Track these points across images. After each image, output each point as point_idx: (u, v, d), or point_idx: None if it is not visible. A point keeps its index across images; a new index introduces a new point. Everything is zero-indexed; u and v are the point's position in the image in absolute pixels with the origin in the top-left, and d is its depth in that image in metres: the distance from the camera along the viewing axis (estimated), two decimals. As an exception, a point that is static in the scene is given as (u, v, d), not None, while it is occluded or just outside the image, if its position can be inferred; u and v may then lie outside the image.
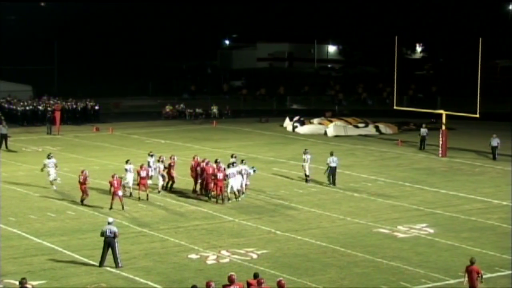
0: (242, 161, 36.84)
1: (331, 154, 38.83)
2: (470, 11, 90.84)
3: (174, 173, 36.82)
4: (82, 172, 34.18)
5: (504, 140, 53.11)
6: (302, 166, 39.59)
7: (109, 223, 26.08)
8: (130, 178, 35.75)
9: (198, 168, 35.84)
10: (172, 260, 26.60)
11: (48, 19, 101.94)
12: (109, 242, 25.65)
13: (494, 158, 45.00)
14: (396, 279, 24.75)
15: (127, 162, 36.42)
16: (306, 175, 39.27)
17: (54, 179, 37.42)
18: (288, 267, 25.87)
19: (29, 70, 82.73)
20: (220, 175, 34.25)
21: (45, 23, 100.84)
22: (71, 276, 24.56)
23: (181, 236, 29.55)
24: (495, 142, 45.33)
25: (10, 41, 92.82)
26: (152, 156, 37.82)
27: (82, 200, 34.03)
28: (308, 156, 39.36)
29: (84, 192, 33.89)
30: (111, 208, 32.99)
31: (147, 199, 34.68)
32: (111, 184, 32.99)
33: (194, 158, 37.33)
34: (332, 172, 38.40)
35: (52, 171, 37.32)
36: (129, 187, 35.67)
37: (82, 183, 33.84)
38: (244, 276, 21.49)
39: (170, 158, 37.58)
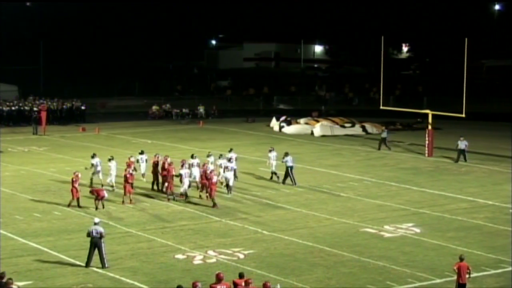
0: (230, 159, 37.40)
1: (287, 154, 38.86)
2: (456, 11, 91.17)
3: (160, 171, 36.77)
4: (75, 173, 33.71)
5: (490, 140, 53.51)
6: (268, 163, 39.94)
7: (95, 224, 26.01)
8: (113, 174, 36.49)
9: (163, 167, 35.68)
10: (158, 260, 26.56)
11: (34, 19, 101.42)
12: (95, 243, 25.58)
13: (464, 160, 44.81)
14: (383, 279, 24.81)
15: (110, 159, 36.82)
16: (273, 173, 39.57)
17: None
18: (275, 267, 25.88)
19: (15, 70, 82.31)
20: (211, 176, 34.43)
21: (31, 23, 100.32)
22: (58, 277, 24.47)
23: (168, 236, 29.50)
24: (462, 145, 44.84)
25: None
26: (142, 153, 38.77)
27: (72, 204, 33.41)
28: (274, 154, 39.82)
29: (76, 195, 33.19)
30: (97, 208, 32.91)
31: (131, 202, 34.15)
32: (96, 191, 33.21)
33: (155, 156, 37.37)
34: (290, 171, 38.40)
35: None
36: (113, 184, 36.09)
37: (74, 183, 33.17)
38: (231, 276, 21.47)
39: (155, 156, 37.54)
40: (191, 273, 25.04)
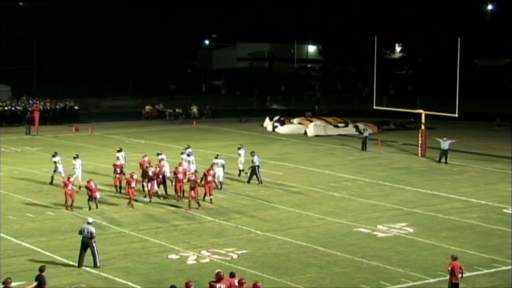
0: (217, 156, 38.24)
1: (253, 153, 38.92)
2: (449, 11, 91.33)
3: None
4: (67, 175, 33.69)
5: (483, 139, 53.60)
6: (238, 161, 40.38)
7: (88, 223, 25.98)
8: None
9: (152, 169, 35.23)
10: (152, 261, 26.52)
11: (27, 19, 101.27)
12: (85, 243, 25.58)
13: (445, 162, 44.69)
14: (376, 279, 24.83)
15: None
16: (240, 170, 39.96)
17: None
18: (269, 267, 25.88)
19: (8, 70, 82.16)
20: (181, 176, 34.49)
21: (24, 23, 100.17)
22: (51, 277, 24.36)
23: (161, 236, 29.47)
24: (446, 144, 44.79)
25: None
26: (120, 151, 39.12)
27: (70, 206, 32.96)
28: (242, 151, 40.28)
29: (71, 197, 32.91)
30: (90, 209, 32.81)
31: (129, 205, 33.87)
32: (89, 189, 32.92)
33: (143, 157, 37.20)
34: (257, 170, 38.47)
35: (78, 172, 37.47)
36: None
37: (66, 187, 32.88)
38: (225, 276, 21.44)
39: (143, 157, 37.46)
40: (184, 273, 25.02)
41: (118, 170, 36.12)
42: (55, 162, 37.92)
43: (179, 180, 34.62)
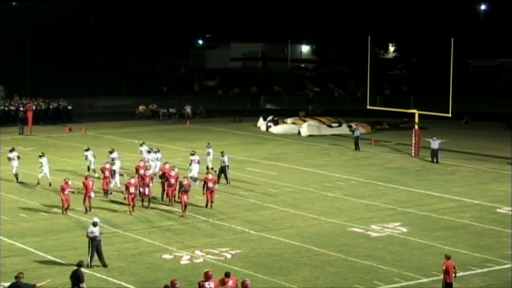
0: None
1: (223, 154, 38.90)
2: (443, 11, 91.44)
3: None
4: (64, 180, 32.83)
5: (476, 139, 53.67)
6: (208, 159, 40.79)
7: (95, 225, 25.78)
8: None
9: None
10: (146, 261, 26.51)
11: (20, 19, 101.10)
12: (96, 245, 25.57)
13: (437, 161, 44.70)
14: (370, 278, 24.85)
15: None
16: (209, 168, 40.20)
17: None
18: (262, 266, 25.88)
19: (1, 70, 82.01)
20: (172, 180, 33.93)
21: (17, 23, 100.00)
22: (44, 277, 24.27)
23: (155, 236, 29.45)
24: (436, 144, 44.88)
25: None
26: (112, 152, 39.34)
27: (65, 209, 32.41)
28: (211, 150, 40.87)
29: (66, 202, 32.35)
30: (86, 211, 32.48)
31: (133, 211, 32.96)
32: (86, 186, 32.63)
33: (164, 164, 36.32)
34: (226, 170, 38.52)
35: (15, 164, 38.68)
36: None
37: (63, 191, 32.17)
38: (218, 276, 21.43)
39: (164, 164, 36.75)
40: (178, 273, 25.01)
41: (107, 173, 35.48)
42: (41, 163, 38.05)
43: (171, 185, 33.87)
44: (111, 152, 39.44)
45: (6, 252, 27.34)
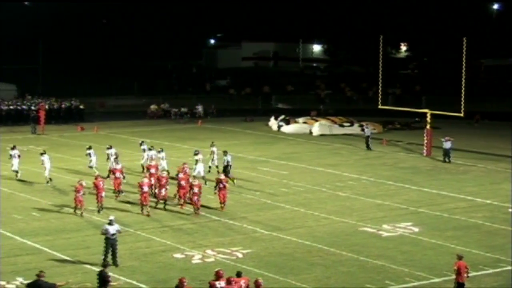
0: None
1: (226, 153, 38.93)
2: (455, 10, 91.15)
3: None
4: (78, 181, 32.58)
5: (488, 139, 53.52)
6: (211, 157, 40.62)
7: (111, 223, 25.76)
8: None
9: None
10: (157, 260, 26.56)
11: (33, 18, 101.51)
12: (112, 244, 25.60)
13: (448, 161, 44.66)
14: (381, 278, 24.83)
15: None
16: (214, 166, 40.24)
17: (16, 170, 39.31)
18: (274, 266, 25.89)
19: (13, 69, 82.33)
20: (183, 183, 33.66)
21: (30, 22, 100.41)
22: (56, 276, 24.41)
23: (166, 235, 29.50)
24: (447, 144, 44.85)
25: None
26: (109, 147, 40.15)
27: (78, 210, 32.11)
28: (215, 148, 40.73)
29: (80, 203, 31.97)
30: (99, 211, 32.50)
31: (145, 212, 32.58)
32: (96, 186, 32.68)
33: (183, 164, 36.01)
34: (227, 170, 38.45)
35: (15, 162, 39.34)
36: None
37: (77, 193, 31.80)
38: (229, 276, 21.46)
39: (183, 165, 36.18)
40: (189, 272, 25.05)
41: (118, 174, 35.35)
42: (42, 161, 38.50)
43: (183, 187, 33.43)
44: (108, 149, 40.13)
45: (19, 251, 27.46)
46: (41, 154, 38.94)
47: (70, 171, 41.15)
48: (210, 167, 40.26)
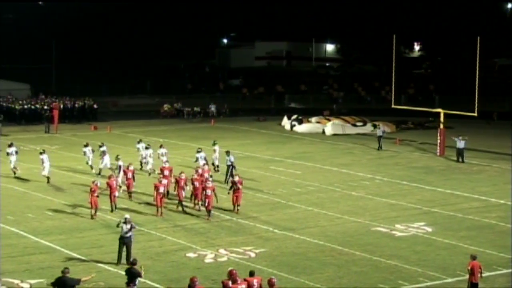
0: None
1: (228, 153, 38.93)
2: (468, 9, 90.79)
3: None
4: (94, 182, 32.32)
5: (502, 139, 53.33)
6: (214, 156, 41.08)
7: (126, 222, 25.73)
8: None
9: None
10: (170, 259, 26.60)
11: (46, 18, 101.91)
12: (126, 242, 25.66)
13: (462, 161, 44.53)
14: (394, 278, 24.77)
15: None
16: (216, 165, 40.73)
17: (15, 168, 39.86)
18: (286, 265, 25.88)
19: (27, 68, 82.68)
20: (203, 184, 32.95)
21: (43, 22, 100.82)
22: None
23: (179, 234, 29.54)
24: (461, 144, 44.74)
25: (8, 40, 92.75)
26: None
27: (92, 216, 31.69)
28: (217, 147, 41.24)
29: (94, 204, 31.64)
30: (112, 210, 32.58)
31: (160, 214, 32.30)
32: (110, 186, 32.62)
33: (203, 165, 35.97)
34: (230, 169, 38.44)
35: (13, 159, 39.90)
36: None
37: (93, 193, 31.54)
38: (242, 275, 21.48)
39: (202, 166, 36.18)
40: (202, 271, 25.07)
41: (130, 175, 35.14)
42: (42, 160, 38.78)
43: (197, 189, 32.92)
44: (100, 147, 40.92)
45: (32, 250, 27.58)
46: (40, 153, 39.16)
47: (83, 170, 41.24)
48: (213, 164, 40.56)
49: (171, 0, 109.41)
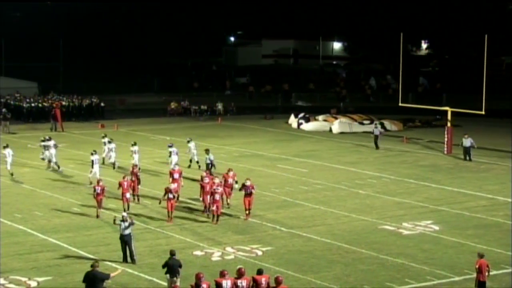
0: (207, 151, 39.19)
1: (208, 152, 38.94)
2: (476, 7, 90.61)
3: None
4: (99, 182, 32.13)
5: (510, 137, 53.13)
6: (189, 153, 41.41)
7: (123, 220, 25.81)
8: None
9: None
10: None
11: (54, 16, 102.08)
12: (126, 241, 25.70)
13: (469, 159, 44.42)
14: (401, 276, 24.75)
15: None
16: (194, 161, 41.13)
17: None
18: (293, 264, 25.88)
19: (35, 67, 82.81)
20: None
21: (51, 20, 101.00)
22: (77, 273, 24.52)
23: (186, 233, 29.56)
24: (468, 142, 44.61)
25: (16, 38, 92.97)
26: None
27: (97, 215, 31.50)
28: (192, 144, 41.60)
29: (100, 204, 31.64)
30: (125, 210, 32.23)
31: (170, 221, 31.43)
32: (121, 185, 32.44)
33: (228, 171, 34.11)
34: (209, 168, 38.33)
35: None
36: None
37: (99, 194, 31.45)
38: (249, 273, 21.48)
39: (228, 172, 34.50)
40: (209, 269, 25.06)
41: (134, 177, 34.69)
42: (4, 154, 39.13)
43: (206, 192, 31.90)
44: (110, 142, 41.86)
45: (40, 247, 27.64)
46: (4, 147, 39.13)
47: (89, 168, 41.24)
48: (193, 162, 41.06)
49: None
